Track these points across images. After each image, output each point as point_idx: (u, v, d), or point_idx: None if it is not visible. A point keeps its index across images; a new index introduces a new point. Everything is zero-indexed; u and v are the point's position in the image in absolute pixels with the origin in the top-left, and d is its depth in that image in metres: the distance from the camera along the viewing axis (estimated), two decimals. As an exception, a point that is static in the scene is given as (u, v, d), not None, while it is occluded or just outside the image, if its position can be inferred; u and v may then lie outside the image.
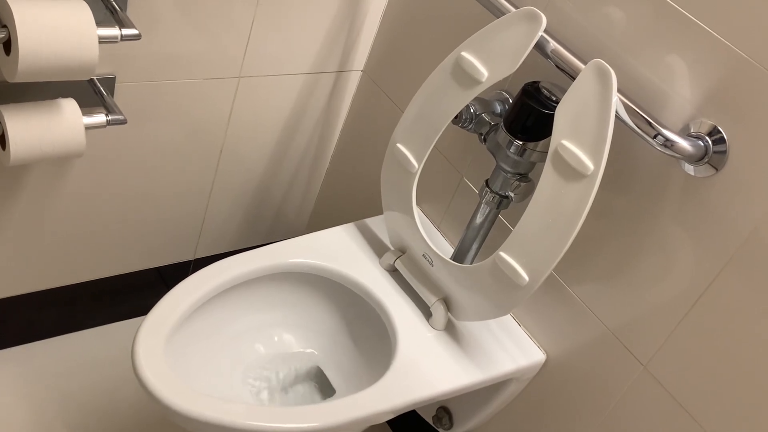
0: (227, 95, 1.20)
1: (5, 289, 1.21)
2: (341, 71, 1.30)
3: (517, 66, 0.92)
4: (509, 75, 0.93)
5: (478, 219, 1.04)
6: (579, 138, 0.86)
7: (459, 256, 1.08)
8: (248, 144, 1.30)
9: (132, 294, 1.39)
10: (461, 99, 0.98)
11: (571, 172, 0.87)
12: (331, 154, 1.44)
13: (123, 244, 1.29)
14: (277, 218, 1.50)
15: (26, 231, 1.15)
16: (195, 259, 1.42)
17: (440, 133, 1.00)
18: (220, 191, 1.34)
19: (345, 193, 1.44)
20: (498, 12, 0.97)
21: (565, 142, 0.87)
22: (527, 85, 0.95)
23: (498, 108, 1.04)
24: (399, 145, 1.05)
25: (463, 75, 0.97)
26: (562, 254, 0.89)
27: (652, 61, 0.90)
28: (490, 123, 1.01)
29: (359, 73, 1.33)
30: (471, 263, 1.08)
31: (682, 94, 0.87)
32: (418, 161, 1.03)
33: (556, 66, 0.92)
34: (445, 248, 1.19)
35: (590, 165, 0.85)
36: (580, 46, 0.97)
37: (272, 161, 1.37)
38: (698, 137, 0.85)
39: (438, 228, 1.23)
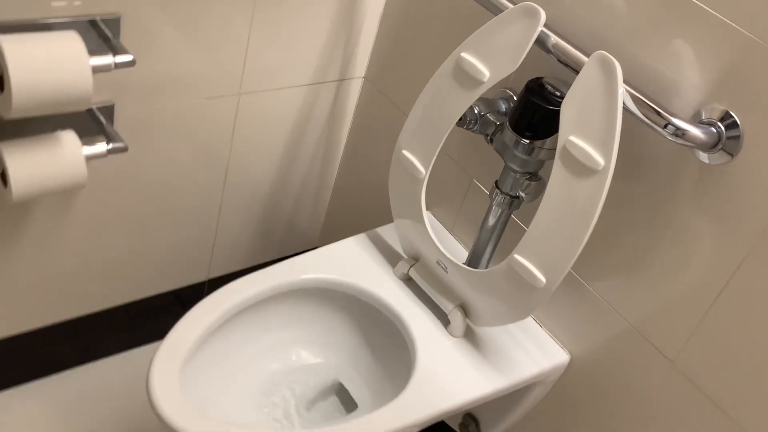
0: (229, 112, 1.18)
1: (19, 324, 1.21)
2: (342, 80, 1.28)
3: (519, 63, 0.90)
4: (511, 73, 0.91)
5: (491, 221, 1.02)
6: (587, 133, 0.84)
7: (473, 260, 1.06)
8: (254, 159, 1.29)
9: (149, 319, 1.38)
10: (464, 101, 0.95)
11: (581, 168, 0.84)
12: (338, 163, 1.43)
13: (135, 269, 1.28)
14: (289, 231, 1.48)
15: (36, 264, 1.14)
16: (209, 279, 1.41)
17: (445, 137, 0.98)
18: (229, 209, 1.33)
19: (356, 202, 1.43)
20: (496, 10, 0.94)
21: (573, 138, 0.85)
22: (530, 81, 0.93)
23: (503, 107, 1.02)
24: (404, 151, 1.03)
25: (465, 76, 0.94)
26: (578, 253, 0.86)
27: (657, 48, 0.87)
28: (496, 123, 0.99)
29: (361, 80, 1.31)
30: (486, 267, 1.06)
31: (690, 81, 0.85)
32: (425, 167, 1.01)
33: (559, 60, 0.89)
34: (459, 253, 1.17)
35: (600, 160, 0.83)
36: (582, 39, 0.94)
37: (280, 175, 1.35)
38: (710, 124, 0.82)
39: (451, 231, 1.21)
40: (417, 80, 1.21)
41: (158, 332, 1.42)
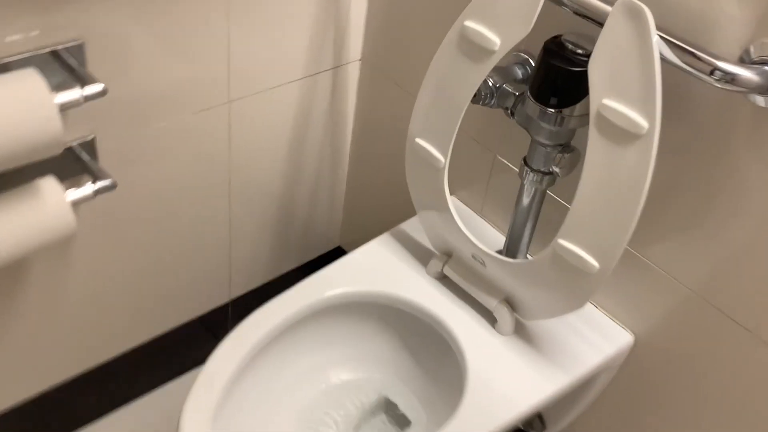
0: (221, 123, 1.09)
1: (39, 384, 1.13)
2: (338, 66, 1.18)
3: (532, 25, 0.78)
4: (524, 37, 0.80)
5: (524, 202, 0.92)
6: (622, 93, 0.73)
7: (511, 247, 0.96)
8: (257, 167, 1.19)
9: (177, 350, 1.31)
10: (476, 75, 0.85)
11: (621, 134, 0.74)
12: (348, 154, 1.32)
13: (154, 303, 1.20)
14: (306, 234, 1.39)
15: (45, 320, 1.06)
16: (232, 300, 1.33)
17: (461, 118, 0.88)
18: (239, 223, 1.24)
19: (373, 191, 1.33)
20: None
21: (608, 101, 0.74)
22: (548, 42, 0.81)
23: (519, 73, 0.91)
24: (418, 140, 0.93)
25: (472, 47, 0.84)
26: (631, 230, 0.76)
27: (689, -18, 0.76)
28: (515, 93, 0.88)
29: (357, 63, 1.20)
30: (526, 253, 0.96)
31: (731, 15, 0.73)
32: (444, 154, 0.91)
33: (576, 13, 0.78)
34: (493, 238, 1.07)
35: (643, 122, 0.72)
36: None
37: (287, 178, 1.26)
38: (762, 62, 0.71)
39: (480, 214, 1.10)
40: (419, 55, 1.10)
41: (189, 362, 1.35)
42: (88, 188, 0.90)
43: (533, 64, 0.89)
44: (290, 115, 1.18)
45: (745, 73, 0.69)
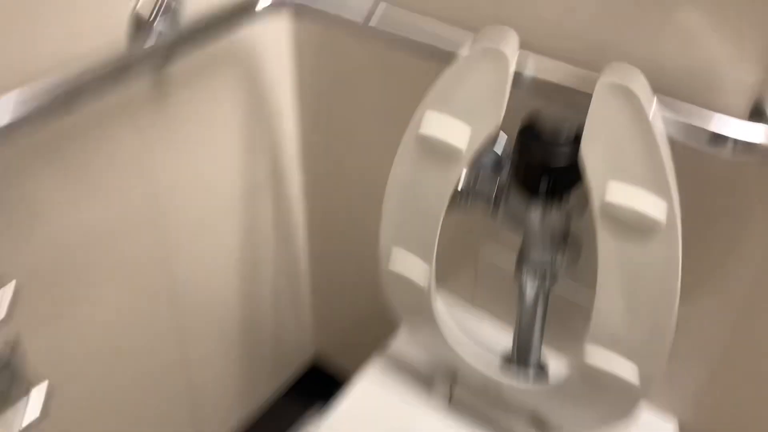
0: (160, 275, 0.95)
1: None
2: (276, 174, 1.05)
3: (501, 116, 0.67)
4: (496, 129, 0.69)
5: (528, 305, 0.80)
6: (628, 182, 0.62)
7: (521, 355, 0.84)
8: (208, 306, 1.05)
9: None
10: (447, 180, 0.73)
11: (635, 229, 0.63)
12: (306, 255, 1.19)
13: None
14: (276, 354, 1.25)
15: None
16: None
17: (439, 226, 0.76)
18: (198, 365, 1.09)
19: (341, 290, 1.19)
20: (441, 54, 0.72)
21: (612, 194, 0.63)
22: (522, 127, 0.70)
23: (494, 159, 0.80)
24: (394, 255, 0.80)
25: (436, 150, 0.72)
26: (672, 328, 0.65)
27: (671, 34, 0.65)
28: (494, 187, 0.76)
29: (297, 162, 1.08)
30: (539, 357, 0.84)
31: (729, 67, 0.63)
32: (426, 272, 0.78)
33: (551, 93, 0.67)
34: (494, 333, 0.95)
35: (659, 215, 0.61)
36: (572, 48, 0.72)
37: (243, 300, 1.12)
38: (783, 117, 0.61)
39: (473, 304, 0.98)
40: (366, 145, 0.98)
41: None
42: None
43: (501, 144, 0.77)
44: (235, 233, 1.04)
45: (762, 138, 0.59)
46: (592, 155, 0.63)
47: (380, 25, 0.76)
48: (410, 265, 0.79)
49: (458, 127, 0.70)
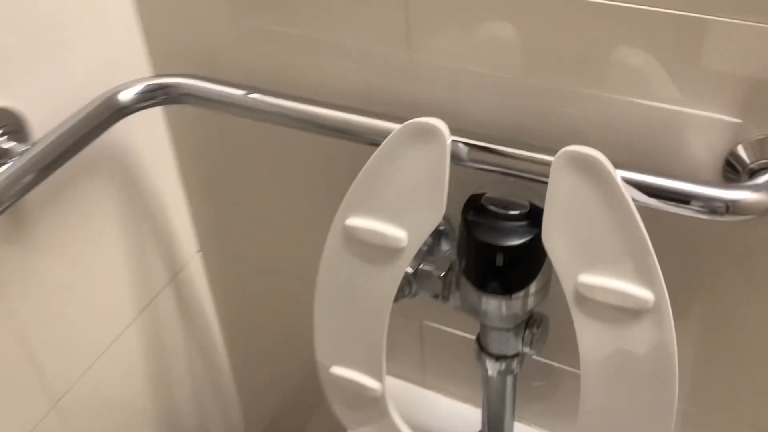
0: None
1: None
2: (175, 275, 0.91)
3: (444, 205, 0.58)
4: (439, 220, 0.59)
5: (494, 394, 0.71)
6: (603, 263, 0.54)
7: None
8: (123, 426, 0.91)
9: None
10: (389, 279, 0.62)
11: (619, 314, 0.55)
12: (225, 357, 1.06)
13: None
14: None
15: None
16: None
17: (386, 328, 0.66)
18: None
19: (269, 370, 1.07)
20: (355, 136, 0.61)
21: (586, 278, 0.54)
22: (466, 212, 0.61)
23: (440, 243, 0.70)
24: (335, 370, 0.69)
25: (370, 250, 0.62)
26: (672, 416, 0.58)
27: (619, 85, 0.57)
28: (440, 276, 0.67)
29: (197, 257, 0.94)
30: (512, 434, 0.76)
31: (696, 117, 0.56)
32: (378, 379, 0.68)
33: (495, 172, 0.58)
34: (454, 414, 0.85)
35: (644, 294, 0.53)
36: (510, 118, 0.63)
37: (163, 410, 0.98)
38: (762, 169, 0.54)
39: (424, 386, 0.89)
40: (270, 227, 0.86)
41: None
42: None
43: (462, 248, 0.67)
44: (139, 359, 0.89)
45: (747, 196, 0.52)
46: (557, 243, 0.55)
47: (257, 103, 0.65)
48: (357, 385, 0.68)
49: (391, 232, 0.60)
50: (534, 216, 0.59)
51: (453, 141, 0.56)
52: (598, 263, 0.54)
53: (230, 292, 0.97)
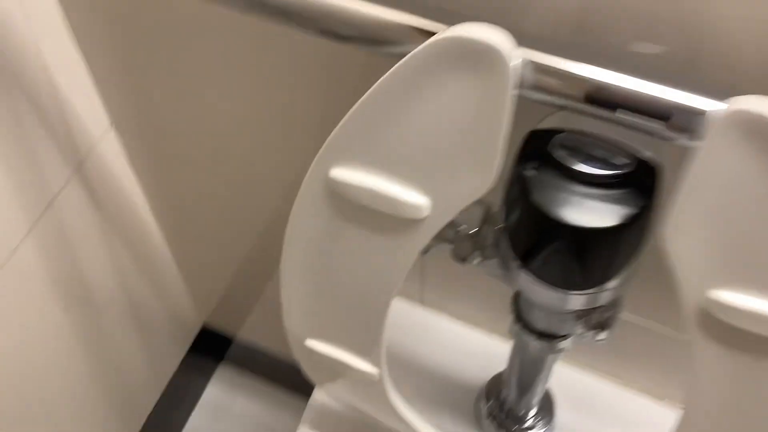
0: None
1: None
2: (83, 161, 0.67)
3: (496, 169, 0.35)
4: (487, 188, 0.36)
5: (526, 364, 0.53)
6: (754, 279, 0.33)
7: (514, 412, 0.59)
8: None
9: None
10: (398, 253, 0.41)
11: (763, 346, 0.35)
12: (162, 241, 0.85)
13: None
14: (168, 335, 0.96)
15: None
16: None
17: (388, 309, 0.45)
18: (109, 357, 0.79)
19: (212, 258, 0.87)
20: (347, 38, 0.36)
21: (722, 295, 0.34)
22: (524, 166, 0.38)
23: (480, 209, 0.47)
24: (314, 344, 0.50)
25: (371, 217, 0.39)
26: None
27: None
28: (471, 235, 0.45)
29: (111, 134, 0.69)
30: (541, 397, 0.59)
31: None
32: (375, 363, 0.49)
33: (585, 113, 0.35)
34: (458, 338, 0.68)
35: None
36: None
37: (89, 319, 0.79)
38: None
39: (423, 303, 0.70)
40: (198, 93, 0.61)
41: None
42: None
43: (513, 214, 0.42)
44: (46, 267, 0.68)
45: None
46: (690, 244, 0.33)
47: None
48: (344, 366, 0.49)
49: (406, 196, 0.37)
50: (637, 178, 0.36)
51: (524, 62, 0.32)
52: (750, 279, 0.33)
53: (158, 173, 0.73)
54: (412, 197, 0.37)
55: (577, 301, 0.41)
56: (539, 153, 0.37)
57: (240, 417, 1.06)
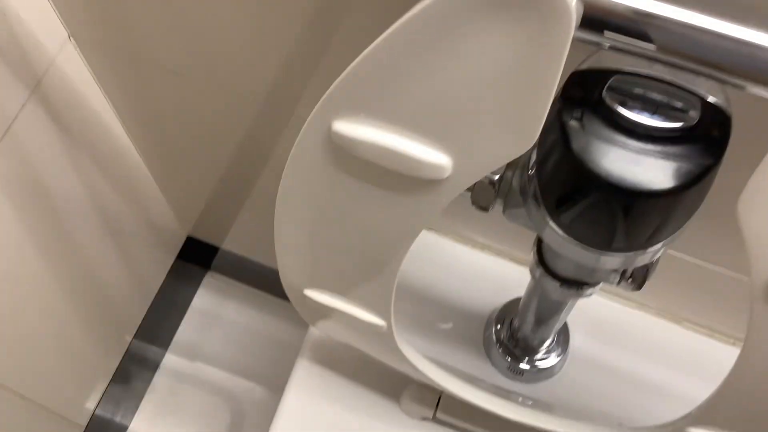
0: None
1: None
2: (41, 80, 0.58)
3: (539, 129, 0.28)
4: (526, 149, 0.30)
5: (543, 305, 0.49)
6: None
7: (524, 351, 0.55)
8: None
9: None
10: (414, 213, 0.35)
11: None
12: (138, 156, 0.77)
13: None
14: (154, 248, 0.91)
15: None
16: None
17: (398, 268, 0.40)
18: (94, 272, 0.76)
19: (190, 173, 0.81)
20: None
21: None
22: (567, 113, 0.31)
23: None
24: (314, 294, 0.45)
25: (382, 174, 0.33)
26: None
27: None
28: (494, 183, 0.39)
29: (71, 46, 0.60)
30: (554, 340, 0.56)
31: None
32: (384, 317, 0.44)
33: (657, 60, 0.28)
34: (469, 262, 0.63)
35: None
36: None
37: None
38: None
39: (440, 232, 0.65)
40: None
41: None
42: None
43: (550, 163, 0.35)
44: (8, 194, 0.62)
45: None
46: (763, 221, 0.28)
47: None
48: (348, 317, 0.44)
49: (425, 154, 0.31)
50: (702, 129, 0.30)
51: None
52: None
53: (126, 86, 0.66)
54: (432, 156, 0.31)
55: (613, 261, 0.36)
56: (586, 97, 0.31)
57: (230, 323, 1.04)
